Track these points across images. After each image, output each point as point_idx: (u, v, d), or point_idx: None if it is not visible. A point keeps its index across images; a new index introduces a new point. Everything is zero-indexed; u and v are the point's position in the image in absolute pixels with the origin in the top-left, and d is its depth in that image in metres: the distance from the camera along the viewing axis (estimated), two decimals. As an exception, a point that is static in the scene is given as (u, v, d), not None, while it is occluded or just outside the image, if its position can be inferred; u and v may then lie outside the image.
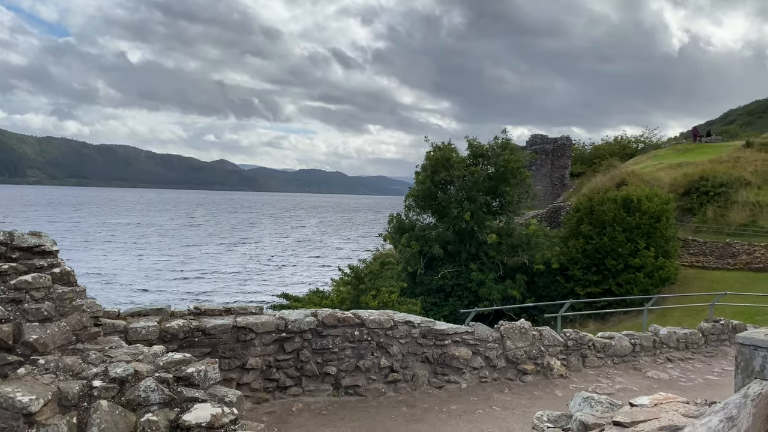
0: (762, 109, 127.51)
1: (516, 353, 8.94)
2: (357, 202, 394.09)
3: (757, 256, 33.08)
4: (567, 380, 9.06)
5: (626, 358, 10.04)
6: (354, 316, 8.14)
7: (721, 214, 36.99)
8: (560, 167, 60.88)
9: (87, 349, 5.24)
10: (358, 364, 8.05)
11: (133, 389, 4.68)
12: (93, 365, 4.94)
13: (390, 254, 40.31)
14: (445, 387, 8.43)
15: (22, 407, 4.32)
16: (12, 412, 4.37)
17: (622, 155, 60.87)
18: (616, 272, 32.46)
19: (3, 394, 4.40)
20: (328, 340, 7.93)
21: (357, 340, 8.06)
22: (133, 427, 4.52)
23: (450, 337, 8.57)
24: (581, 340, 9.61)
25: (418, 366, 8.42)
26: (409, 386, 8.30)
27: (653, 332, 10.55)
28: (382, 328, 8.19)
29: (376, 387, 8.11)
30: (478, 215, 34.78)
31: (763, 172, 39.09)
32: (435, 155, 36.92)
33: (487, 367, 8.76)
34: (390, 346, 8.23)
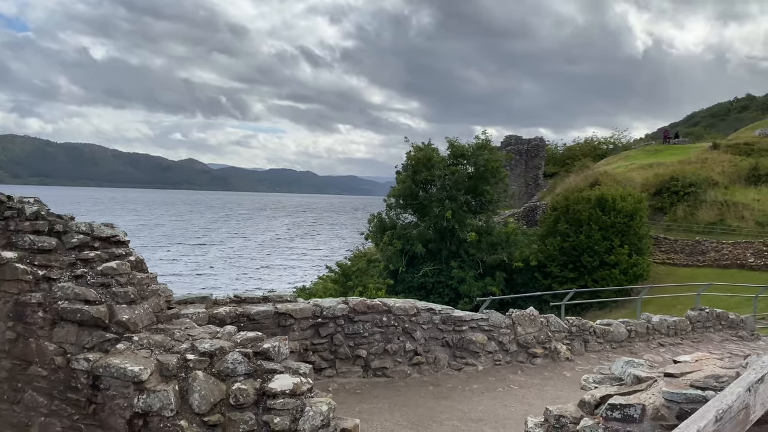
0: (724, 112, 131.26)
1: (526, 338, 9.67)
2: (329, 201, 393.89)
3: (725, 253, 34.49)
4: (572, 363, 9.83)
5: (623, 343, 10.87)
6: (382, 303, 8.78)
7: (691, 213, 38.44)
8: (534, 167, 62.08)
9: (168, 329, 5.78)
10: (386, 348, 8.69)
11: (221, 362, 5.25)
12: (180, 342, 5.49)
13: (369, 253, 40.96)
14: (463, 369, 9.12)
15: (133, 376, 4.87)
16: (123, 381, 4.92)
17: (593, 156, 62.36)
18: (591, 269, 33.59)
19: (114, 365, 4.95)
20: (359, 326, 8.56)
21: (385, 325, 8.70)
22: (224, 395, 5.09)
23: (467, 323, 9.26)
24: (583, 326, 10.40)
25: (439, 350, 9.10)
26: (432, 368, 8.97)
27: (646, 320, 11.40)
28: (407, 314, 8.85)
29: (402, 369, 8.76)
30: (458, 214, 35.58)
31: (729, 173, 40.71)
32: (416, 155, 37.64)
33: (501, 351, 9.48)
34: (414, 331, 8.89)
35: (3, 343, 5.39)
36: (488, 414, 7.51)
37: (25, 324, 5.30)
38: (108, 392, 4.97)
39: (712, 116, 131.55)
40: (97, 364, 5.03)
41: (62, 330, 5.27)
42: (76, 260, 5.66)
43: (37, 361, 5.25)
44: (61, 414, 5.15)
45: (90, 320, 5.28)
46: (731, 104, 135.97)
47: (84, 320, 5.28)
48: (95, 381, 5.02)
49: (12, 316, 5.37)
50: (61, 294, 5.36)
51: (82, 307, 5.29)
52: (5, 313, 5.40)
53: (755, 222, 35.97)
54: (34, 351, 5.25)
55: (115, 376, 4.94)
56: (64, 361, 5.16)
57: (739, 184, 39.33)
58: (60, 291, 5.37)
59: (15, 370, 5.34)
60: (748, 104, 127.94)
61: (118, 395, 4.94)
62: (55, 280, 5.44)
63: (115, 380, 4.94)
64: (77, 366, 5.09)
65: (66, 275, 5.52)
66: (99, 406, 5.00)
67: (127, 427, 4.91)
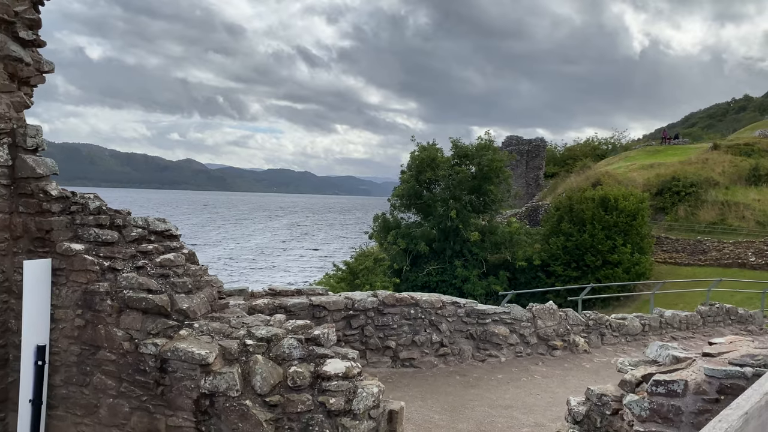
0: (721, 113, 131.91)
1: (546, 331, 10.03)
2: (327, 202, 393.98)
3: (726, 252, 34.91)
4: (590, 355, 10.19)
5: (637, 336, 11.23)
6: (409, 296, 9.13)
7: (692, 213, 38.90)
8: (535, 168, 62.46)
9: (223, 317, 6.12)
10: (414, 339, 9.05)
11: (277, 347, 5.59)
12: (236, 329, 5.82)
13: (372, 252, 41.29)
14: (487, 360, 9.47)
15: (201, 359, 5.22)
16: (190, 364, 5.26)
17: (593, 156, 62.78)
18: (594, 268, 34.00)
19: (182, 349, 5.29)
20: (388, 318, 8.91)
21: (412, 318, 9.05)
22: (282, 377, 5.43)
23: (490, 316, 9.61)
24: (600, 320, 10.76)
25: (464, 342, 9.45)
26: (457, 359, 9.32)
27: (659, 314, 11.77)
28: (433, 307, 9.20)
29: (429, 360, 9.12)
30: (462, 213, 35.95)
31: (730, 173, 41.18)
32: (420, 155, 38.01)
33: (522, 344, 9.83)
34: (440, 323, 9.24)
35: (72, 329, 5.73)
36: (516, 401, 7.87)
37: (94, 311, 5.63)
38: (176, 374, 5.31)
39: (709, 117, 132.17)
40: (164, 349, 5.37)
41: (128, 317, 5.61)
42: (136, 252, 5.99)
43: (106, 346, 5.58)
44: (129, 395, 5.49)
45: (154, 308, 5.61)
46: (729, 105, 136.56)
47: (148, 308, 5.61)
48: (163, 364, 5.36)
49: (81, 304, 5.70)
50: (126, 284, 5.69)
51: (146, 296, 5.63)
52: (74, 302, 5.74)
53: (756, 222, 36.42)
54: (103, 336, 5.59)
55: (183, 359, 5.27)
56: (131, 346, 5.50)
57: (740, 184, 39.80)
58: (125, 281, 5.70)
59: (84, 355, 5.68)
60: (745, 105, 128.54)
61: (186, 377, 5.28)
62: (119, 270, 5.77)
63: (183, 363, 5.28)
64: (145, 350, 5.42)
65: (128, 266, 5.86)
66: (166, 388, 5.34)
67: (194, 406, 5.25)
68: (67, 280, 5.77)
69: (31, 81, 6.34)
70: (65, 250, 5.73)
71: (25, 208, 5.92)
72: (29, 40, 6.22)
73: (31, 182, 5.93)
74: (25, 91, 6.38)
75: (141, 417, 5.45)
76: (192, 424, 5.26)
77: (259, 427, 5.11)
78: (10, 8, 6.01)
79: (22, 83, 6.29)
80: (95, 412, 5.64)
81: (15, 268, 5.97)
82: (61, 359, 5.79)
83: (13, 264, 5.97)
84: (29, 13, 6.20)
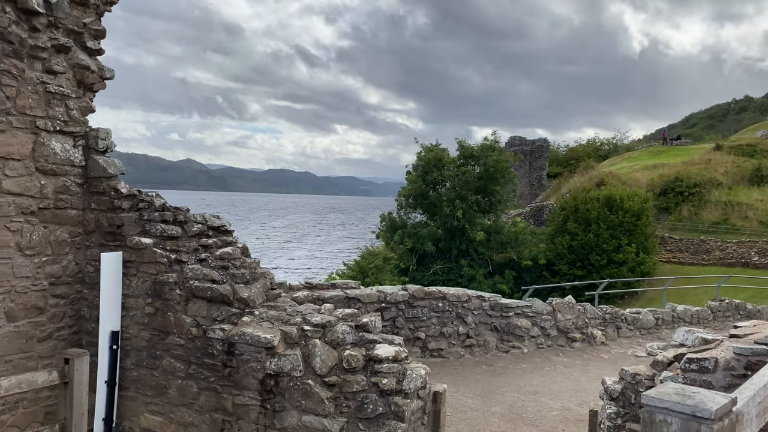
0: (722, 113, 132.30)
1: (565, 324, 10.51)
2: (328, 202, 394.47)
3: (730, 252, 35.39)
4: (607, 347, 10.68)
5: (651, 330, 11.72)
6: (437, 291, 9.63)
7: (695, 213, 39.37)
8: (538, 168, 62.90)
9: (278, 305, 6.60)
10: (442, 331, 9.54)
11: (332, 332, 6.06)
12: (292, 316, 6.30)
13: (378, 252, 41.76)
14: (510, 351, 9.96)
15: (267, 342, 5.70)
16: (256, 347, 5.74)
17: (595, 157, 63.23)
18: (600, 267, 34.45)
19: (248, 333, 5.78)
20: (418, 310, 9.40)
21: (441, 310, 9.54)
22: (337, 360, 5.90)
23: (513, 309, 10.10)
24: (616, 314, 11.26)
25: (488, 333, 9.93)
26: (482, 350, 9.81)
27: (671, 309, 12.26)
28: (459, 301, 9.69)
29: (456, 350, 9.60)
30: (469, 213, 36.41)
31: (732, 174, 41.66)
32: (427, 156, 38.48)
33: (543, 336, 10.32)
34: (466, 316, 9.73)
35: (143, 316, 6.21)
36: (542, 388, 8.36)
37: (163, 300, 6.11)
38: (242, 357, 5.79)
39: (710, 117, 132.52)
40: (231, 333, 5.85)
41: (195, 305, 6.09)
42: (198, 246, 6.48)
43: (175, 331, 6.06)
44: (197, 377, 5.97)
45: (218, 297, 6.09)
46: (729, 106, 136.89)
47: (213, 297, 6.09)
48: (230, 348, 5.84)
49: (151, 293, 6.18)
50: (192, 274, 6.17)
51: (211, 285, 6.11)
52: (144, 291, 6.22)
53: (759, 222, 36.88)
54: (173, 323, 6.07)
55: (249, 342, 5.76)
56: (199, 331, 5.98)
57: (743, 184, 40.27)
58: (190, 272, 6.18)
59: (153, 340, 6.16)
60: (746, 105, 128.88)
61: (252, 359, 5.76)
62: (185, 262, 6.25)
63: (249, 346, 5.77)
64: (213, 335, 5.90)
65: (192, 259, 6.34)
66: (233, 369, 5.82)
67: (259, 386, 5.73)
68: (137, 272, 6.25)
69: (94, 87, 6.81)
70: (136, 243, 6.22)
71: (97, 205, 6.40)
72: (95, 50, 6.70)
73: (102, 181, 6.41)
74: (89, 97, 6.86)
75: (209, 396, 5.93)
76: (258, 402, 5.75)
77: (321, 404, 5.59)
78: (80, 20, 6.48)
79: (86, 89, 6.77)
80: (164, 392, 6.12)
81: (87, 260, 6.46)
82: (131, 344, 6.27)
83: (85, 257, 6.46)
84: (95, 24, 6.68)
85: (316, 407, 5.61)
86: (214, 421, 5.93)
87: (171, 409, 6.12)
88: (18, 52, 5.66)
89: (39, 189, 5.94)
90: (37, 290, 5.95)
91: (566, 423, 7.10)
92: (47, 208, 6.04)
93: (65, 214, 6.25)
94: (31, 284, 5.90)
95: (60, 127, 6.11)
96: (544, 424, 7.05)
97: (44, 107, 5.95)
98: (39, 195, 5.94)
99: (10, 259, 5.67)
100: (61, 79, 6.24)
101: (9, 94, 5.59)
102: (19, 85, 5.67)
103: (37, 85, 5.90)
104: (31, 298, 5.89)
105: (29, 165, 5.83)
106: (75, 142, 6.31)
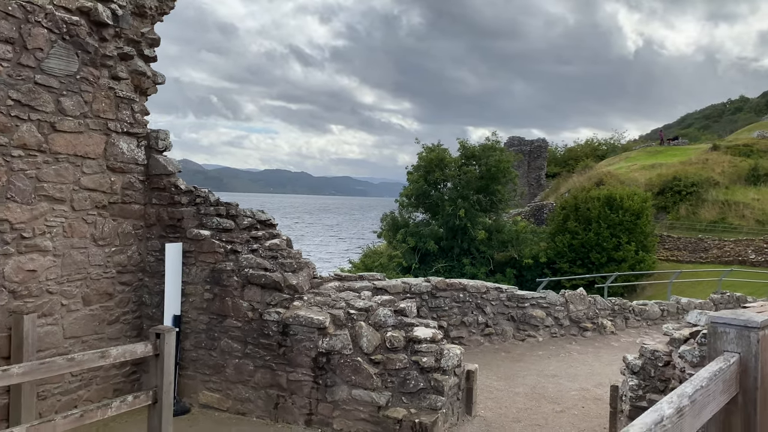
0: (717, 114, 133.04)
1: (577, 314, 11.12)
2: (324, 202, 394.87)
3: (727, 250, 36.07)
4: (617, 336, 11.28)
5: (657, 321, 12.33)
6: (458, 282, 10.22)
7: (693, 212, 40.04)
8: (536, 168, 63.50)
9: (322, 292, 7.18)
10: (463, 320, 10.13)
11: (374, 316, 6.65)
12: (337, 302, 6.89)
13: (378, 251, 42.33)
14: (526, 340, 10.55)
15: (319, 323, 6.29)
16: (309, 328, 6.33)
17: (593, 157, 63.88)
18: (600, 265, 35.11)
19: (302, 315, 6.37)
20: (440, 301, 9.99)
21: (461, 301, 10.13)
22: (381, 341, 6.49)
23: (528, 301, 10.69)
24: (624, 306, 11.87)
25: (505, 323, 10.53)
26: (500, 339, 10.40)
27: (676, 301, 12.88)
28: (479, 292, 10.28)
29: (476, 338, 10.19)
30: (470, 212, 37.02)
31: (729, 173, 42.35)
32: (428, 156, 39.08)
33: (556, 325, 10.91)
34: (485, 306, 10.32)
35: (201, 302, 6.79)
36: (560, 371, 8.96)
37: (221, 286, 6.69)
38: (296, 337, 6.37)
39: (705, 118, 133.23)
40: (286, 315, 6.44)
41: (250, 291, 6.67)
42: (249, 238, 7.06)
43: (233, 315, 6.64)
44: (254, 356, 6.55)
45: (271, 284, 6.67)
46: (725, 106, 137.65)
47: (266, 284, 6.67)
48: (285, 329, 6.42)
49: (209, 280, 6.76)
50: (246, 263, 6.75)
51: (264, 273, 6.69)
52: (203, 279, 6.79)
53: (755, 220, 37.57)
54: (230, 307, 6.65)
55: (303, 324, 6.34)
56: (255, 314, 6.56)
57: (740, 184, 40.96)
58: (245, 261, 6.76)
59: (212, 323, 6.74)
60: (741, 106, 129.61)
61: (305, 339, 6.34)
62: (239, 252, 6.83)
63: (303, 327, 6.35)
64: (269, 317, 6.48)
65: (245, 249, 6.92)
66: (288, 348, 6.40)
67: (312, 363, 6.32)
68: (196, 261, 6.83)
69: (148, 92, 7.38)
70: (195, 235, 6.80)
71: (158, 200, 6.98)
72: (151, 57, 7.27)
73: (163, 178, 6.98)
74: (143, 101, 7.43)
75: (264, 374, 6.51)
76: (310, 378, 6.33)
77: (370, 379, 6.18)
78: (138, 30, 7.05)
79: (141, 94, 7.34)
80: (222, 371, 6.70)
81: (148, 251, 7.03)
82: (190, 327, 6.84)
83: (146, 248, 7.03)
84: (152, 34, 7.25)
85: (365, 382, 6.20)
86: (269, 396, 6.51)
87: (228, 386, 6.69)
88: (94, 61, 6.24)
89: (110, 185, 6.51)
90: (107, 277, 6.52)
91: (585, 401, 7.69)
92: (116, 203, 6.62)
93: (130, 208, 6.83)
94: (103, 272, 6.47)
95: (126, 128, 6.69)
96: (566, 401, 7.64)
97: (114, 110, 6.53)
98: (109, 191, 6.52)
99: (87, 248, 6.24)
100: (123, 84, 6.81)
101: (87, 99, 6.16)
102: (94, 91, 6.25)
103: (108, 90, 6.47)
104: (102, 284, 6.46)
105: (102, 163, 6.40)
106: (138, 142, 6.88)
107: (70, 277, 6.06)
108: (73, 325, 6.13)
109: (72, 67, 5.98)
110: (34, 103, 5.56)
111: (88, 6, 6.20)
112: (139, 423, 5.88)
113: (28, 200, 5.56)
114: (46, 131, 5.71)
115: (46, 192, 5.74)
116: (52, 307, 5.87)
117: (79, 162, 6.10)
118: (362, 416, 6.19)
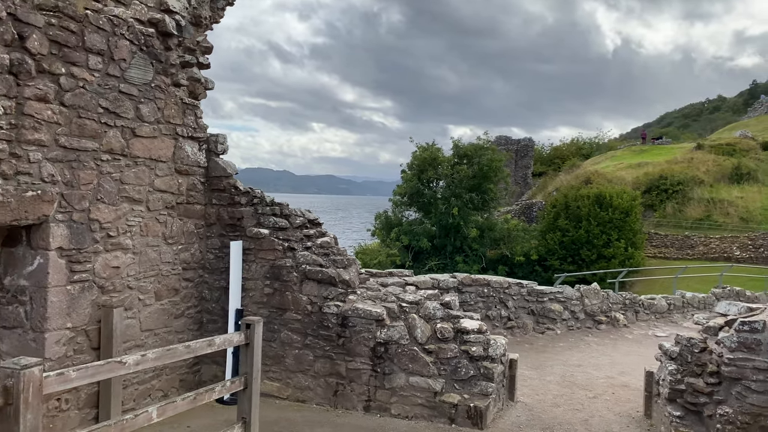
0: (696, 113, 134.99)
1: (592, 308, 11.66)
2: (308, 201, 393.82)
3: (713, 247, 37.03)
4: (629, 329, 11.85)
5: (664, 314, 12.93)
6: (483, 278, 10.71)
7: (679, 210, 40.99)
8: (523, 167, 64.26)
9: (370, 287, 7.62)
10: (487, 314, 10.62)
11: (423, 309, 7.10)
12: (387, 296, 7.32)
13: (370, 249, 42.72)
14: (545, 332, 11.07)
15: (377, 315, 6.73)
16: (367, 320, 6.77)
17: (578, 155, 64.77)
18: (590, 262, 35.87)
19: (361, 308, 6.80)
20: (466, 296, 10.46)
21: (485, 296, 10.62)
22: (431, 332, 6.94)
23: (547, 295, 11.22)
24: (634, 300, 12.45)
25: (526, 317, 11.04)
26: (521, 331, 10.91)
27: (681, 295, 13.50)
28: (501, 287, 10.78)
29: (499, 331, 10.68)
30: (463, 211, 37.59)
31: (714, 172, 43.38)
32: (422, 155, 39.57)
33: (573, 319, 11.45)
34: (507, 301, 10.82)
35: (261, 296, 7.19)
36: (584, 361, 9.48)
37: (281, 282, 7.10)
38: (355, 328, 6.80)
39: (684, 117, 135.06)
40: (344, 308, 6.87)
41: (308, 286, 7.08)
42: (302, 236, 7.46)
43: (292, 308, 7.05)
44: (313, 346, 6.96)
45: (326, 279, 7.09)
46: (703, 105, 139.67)
47: (323, 279, 7.09)
48: (344, 321, 6.84)
49: (269, 276, 7.16)
50: (303, 260, 7.16)
51: (320, 269, 7.11)
52: (262, 274, 7.19)
53: (739, 218, 38.59)
54: (290, 301, 7.06)
55: (362, 316, 6.78)
56: (314, 308, 6.97)
57: (724, 182, 41.99)
58: (302, 258, 7.17)
59: (272, 316, 7.14)
60: (719, 105, 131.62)
61: (364, 330, 6.78)
62: (295, 249, 7.24)
63: (361, 319, 6.78)
64: (328, 310, 6.91)
65: (300, 246, 7.32)
66: (346, 339, 6.83)
67: (370, 353, 6.75)
68: (256, 258, 7.23)
69: (200, 97, 7.75)
70: (255, 233, 7.20)
71: (218, 200, 7.37)
72: (205, 64, 7.64)
73: (222, 180, 7.37)
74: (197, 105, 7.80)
75: (324, 363, 6.94)
76: (369, 367, 6.77)
77: (426, 367, 6.64)
78: (194, 38, 7.43)
79: (195, 99, 7.71)
80: (282, 361, 7.11)
81: (208, 249, 7.42)
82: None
83: (206, 246, 7.42)
84: (205, 42, 7.62)
85: (422, 369, 6.65)
86: (328, 384, 6.94)
87: (288, 376, 7.11)
88: (165, 70, 6.62)
89: (177, 186, 6.89)
90: (174, 274, 6.90)
91: (614, 388, 8.21)
92: (182, 203, 7.00)
93: (193, 208, 7.21)
94: (171, 269, 6.85)
95: (191, 133, 7.07)
96: (596, 388, 8.16)
97: (181, 116, 6.90)
98: (177, 192, 6.89)
99: (159, 246, 6.62)
100: (182, 91, 7.18)
101: (159, 105, 6.54)
102: (165, 98, 6.63)
103: (175, 97, 6.84)
104: (171, 280, 6.84)
105: (171, 166, 6.78)
106: (200, 146, 7.26)
107: (146, 274, 6.44)
108: (148, 319, 6.51)
109: (148, 76, 6.35)
110: (118, 110, 5.93)
111: (157, 18, 6.56)
112: (202, 410, 6.30)
113: (114, 201, 5.93)
114: (127, 136, 6.08)
115: (127, 193, 6.12)
116: (132, 302, 6.25)
117: (153, 165, 6.48)
118: (419, 402, 6.64)
